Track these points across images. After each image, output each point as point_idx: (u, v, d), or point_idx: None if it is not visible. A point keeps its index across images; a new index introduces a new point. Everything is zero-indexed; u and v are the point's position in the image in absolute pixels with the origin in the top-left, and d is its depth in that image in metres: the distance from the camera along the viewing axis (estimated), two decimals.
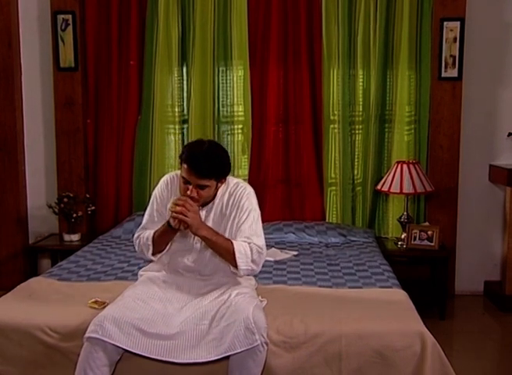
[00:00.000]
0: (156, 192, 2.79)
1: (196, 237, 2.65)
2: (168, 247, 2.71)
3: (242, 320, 2.38)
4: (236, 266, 2.57)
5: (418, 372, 2.47)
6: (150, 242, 2.68)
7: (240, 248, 2.55)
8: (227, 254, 2.56)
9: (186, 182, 2.56)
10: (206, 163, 2.52)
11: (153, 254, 2.72)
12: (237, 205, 2.65)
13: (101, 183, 4.60)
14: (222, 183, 2.65)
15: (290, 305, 2.76)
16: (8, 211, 4.55)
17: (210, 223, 2.66)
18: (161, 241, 2.67)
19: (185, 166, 2.55)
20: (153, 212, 2.76)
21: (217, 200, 2.69)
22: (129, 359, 2.45)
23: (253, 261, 2.57)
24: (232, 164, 2.73)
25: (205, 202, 2.67)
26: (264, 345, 2.40)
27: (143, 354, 2.41)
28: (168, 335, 2.44)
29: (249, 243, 2.57)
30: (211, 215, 2.68)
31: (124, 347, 2.40)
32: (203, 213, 2.66)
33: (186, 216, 2.47)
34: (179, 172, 2.68)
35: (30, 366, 2.55)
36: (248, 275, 2.70)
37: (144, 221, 2.79)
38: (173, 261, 2.76)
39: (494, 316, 4.24)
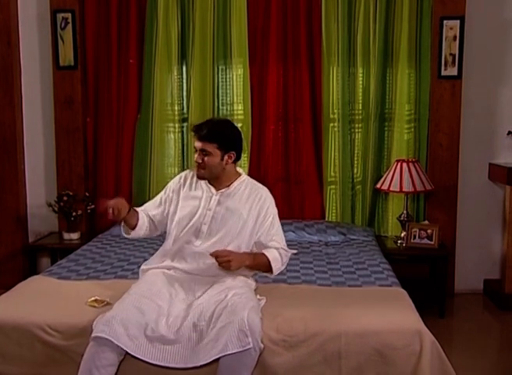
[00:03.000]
0: (170, 182, 2.95)
1: (203, 224, 2.78)
2: (174, 235, 2.82)
3: (236, 322, 2.39)
4: (271, 272, 2.80)
5: (418, 370, 2.47)
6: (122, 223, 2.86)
7: (273, 257, 2.77)
8: (264, 267, 2.78)
9: (196, 150, 2.77)
10: (207, 127, 2.74)
11: (125, 232, 2.89)
12: (259, 210, 2.81)
13: (100, 182, 4.60)
14: (230, 158, 2.76)
15: (290, 304, 2.77)
16: (8, 209, 4.55)
17: (223, 209, 2.77)
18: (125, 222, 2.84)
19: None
20: (158, 198, 2.94)
21: (233, 188, 2.82)
22: (131, 359, 2.46)
23: (283, 264, 2.83)
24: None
25: (216, 181, 2.80)
26: (257, 349, 2.41)
27: (145, 359, 2.43)
28: (169, 339, 2.46)
29: (277, 248, 2.80)
30: (227, 202, 2.79)
31: (129, 351, 2.41)
32: (216, 197, 2.79)
33: (230, 265, 2.63)
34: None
35: (29, 364, 2.56)
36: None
37: (147, 203, 2.98)
38: (181, 247, 2.81)
39: (493, 314, 4.24)
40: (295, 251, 3.74)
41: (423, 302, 3.20)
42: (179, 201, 2.85)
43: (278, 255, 2.78)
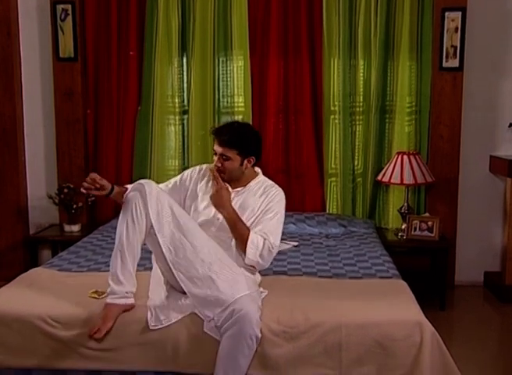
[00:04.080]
0: (188, 171, 3.01)
1: (216, 220, 2.82)
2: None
3: (233, 310, 2.42)
4: (244, 253, 2.73)
5: (418, 361, 2.48)
6: None
7: (254, 239, 2.72)
8: (241, 239, 2.74)
9: (215, 153, 2.81)
10: (227, 132, 2.79)
11: None
12: (267, 204, 2.83)
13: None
14: (249, 162, 2.82)
15: (291, 296, 2.77)
16: (9, 201, 4.55)
17: (236, 207, 2.81)
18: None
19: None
20: (171, 181, 2.99)
21: (248, 187, 2.87)
22: None
23: (261, 255, 2.73)
24: None
25: (233, 181, 2.84)
26: (253, 338, 2.42)
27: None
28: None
29: (264, 238, 2.73)
30: (241, 199, 2.84)
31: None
32: (232, 195, 2.82)
33: (216, 190, 2.73)
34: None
35: (31, 355, 2.56)
36: (253, 266, 2.80)
37: (166, 183, 3.00)
38: None
39: (494, 306, 4.25)
40: (295, 244, 3.79)
41: (423, 294, 3.20)
42: (198, 196, 2.89)
43: (260, 243, 2.72)
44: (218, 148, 2.79)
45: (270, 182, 2.94)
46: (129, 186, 2.85)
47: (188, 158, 4.51)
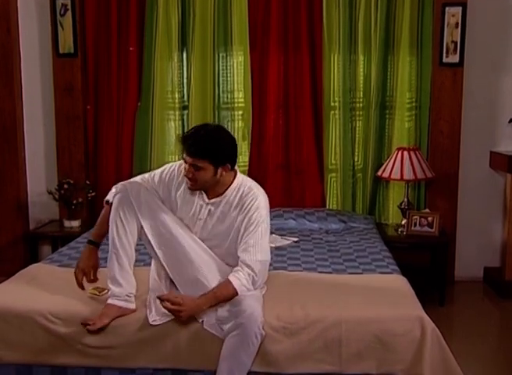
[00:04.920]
0: (169, 169, 2.73)
1: (201, 213, 2.66)
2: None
3: (237, 309, 2.42)
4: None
5: (418, 357, 2.48)
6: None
7: (242, 287, 2.47)
8: (232, 297, 2.48)
9: (185, 161, 2.55)
10: (196, 141, 2.50)
11: None
12: (244, 216, 2.57)
13: (101, 170, 4.60)
14: (225, 170, 2.56)
15: (290, 291, 2.77)
16: (9, 197, 4.55)
17: (214, 219, 2.65)
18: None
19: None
20: (152, 176, 2.74)
21: (226, 197, 2.63)
22: None
23: (254, 284, 2.52)
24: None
25: (209, 190, 2.62)
26: (258, 336, 2.42)
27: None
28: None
29: (249, 274, 2.49)
30: (218, 211, 2.64)
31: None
32: (208, 207, 2.65)
33: (180, 315, 2.45)
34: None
35: (31, 351, 2.57)
36: None
37: (148, 176, 2.75)
38: None
39: (493, 301, 4.25)
40: (295, 239, 3.79)
41: (423, 290, 3.21)
42: (175, 203, 2.68)
43: (249, 283, 2.48)
44: (187, 158, 2.51)
45: (248, 185, 2.63)
46: (109, 197, 2.69)
47: None
